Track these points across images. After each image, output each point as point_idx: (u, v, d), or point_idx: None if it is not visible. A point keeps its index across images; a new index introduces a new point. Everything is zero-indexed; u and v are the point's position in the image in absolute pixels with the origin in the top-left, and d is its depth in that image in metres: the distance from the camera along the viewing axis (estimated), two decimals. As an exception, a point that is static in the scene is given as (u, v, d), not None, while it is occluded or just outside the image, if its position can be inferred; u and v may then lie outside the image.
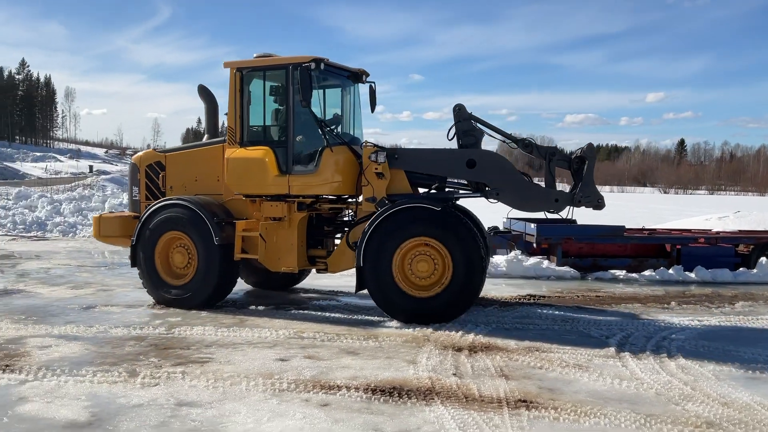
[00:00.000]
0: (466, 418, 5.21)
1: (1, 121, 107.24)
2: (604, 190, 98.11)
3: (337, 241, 9.64)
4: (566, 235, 13.34)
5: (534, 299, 10.45)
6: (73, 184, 31.20)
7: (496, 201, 8.89)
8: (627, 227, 14.33)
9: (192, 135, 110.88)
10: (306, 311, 9.29)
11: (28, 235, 19.35)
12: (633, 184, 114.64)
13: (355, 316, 8.87)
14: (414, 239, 8.44)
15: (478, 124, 9.09)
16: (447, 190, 9.22)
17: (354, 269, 8.79)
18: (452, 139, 9.10)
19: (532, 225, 13.44)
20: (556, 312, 9.44)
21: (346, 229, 9.46)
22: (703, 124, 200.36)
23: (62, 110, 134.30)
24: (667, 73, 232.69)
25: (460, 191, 9.19)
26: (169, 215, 9.36)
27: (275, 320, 8.64)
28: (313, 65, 8.69)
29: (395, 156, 8.94)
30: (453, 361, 6.84)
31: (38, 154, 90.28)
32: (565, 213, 8.93)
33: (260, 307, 9.45)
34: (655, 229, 15.69)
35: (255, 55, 9.33)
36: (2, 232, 19.62)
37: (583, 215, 16.83)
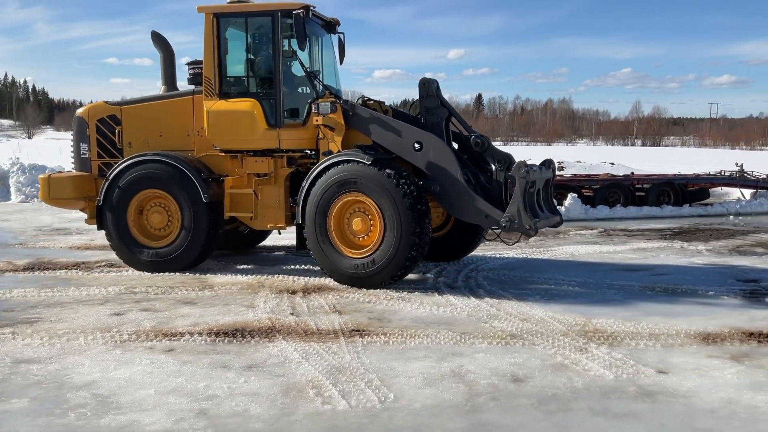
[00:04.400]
0: (307, 348, 5.69)
1: None
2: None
3: None
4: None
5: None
6: None
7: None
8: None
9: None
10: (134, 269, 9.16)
11: None
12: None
13: (187, 271, 8.89)
14: (346, 195, 7.89)
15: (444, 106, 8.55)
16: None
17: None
18: (417, 115, 8.68)
19: None
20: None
21: None
22: (499, 79, 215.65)
23: None
24: (467, 31, 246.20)
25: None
26: (146, 172, 8.69)
27: (103, 277, 8.49)
28: (303, 12, 8.17)
29: (350, 113, 8.37)
30: (289, 302, 7.27)
31: None
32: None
33: (84, 267, 9.16)
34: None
35: (228, 0, 8.74)
36: None
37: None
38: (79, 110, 9.83)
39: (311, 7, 8.44)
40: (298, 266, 9.16)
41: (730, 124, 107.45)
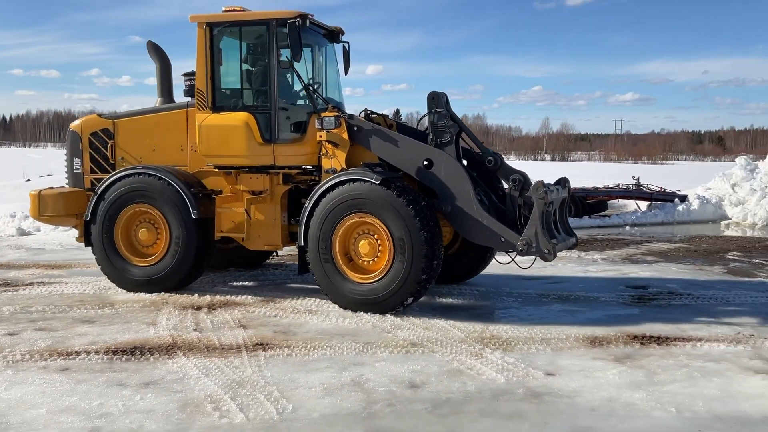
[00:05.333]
0: (208, 364, 5.69)
1: None
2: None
3: None
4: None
5: (272, 258, 11.11)
6: None
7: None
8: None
9: None
10: (31, 287, 8.82)
11: None
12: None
13: (87, 289, 8.64)
14: (353, 216, 7.45)
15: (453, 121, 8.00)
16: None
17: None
18: (425, 130, 8.22)
19: None
20: (289, 270, 10.22)
21: None
22: (416, 95, 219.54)
23: None
24: (384, 48, 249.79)
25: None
26: (134, 187, 8.30)
27: (-4, 298, 8.15)
28: (299, 21, 7.75)
29: (355, 128, 7.92)
30: (193, 318, 7.21)
31: None
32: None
33: (-25, 287, 8.78)
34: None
35: (223, 8, 8.26)
36: None
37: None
38: (73, 123, 9.41)
39: (309, 16, 8.05)
40: (204, 282, 9.06)
41: (634, 140, 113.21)
